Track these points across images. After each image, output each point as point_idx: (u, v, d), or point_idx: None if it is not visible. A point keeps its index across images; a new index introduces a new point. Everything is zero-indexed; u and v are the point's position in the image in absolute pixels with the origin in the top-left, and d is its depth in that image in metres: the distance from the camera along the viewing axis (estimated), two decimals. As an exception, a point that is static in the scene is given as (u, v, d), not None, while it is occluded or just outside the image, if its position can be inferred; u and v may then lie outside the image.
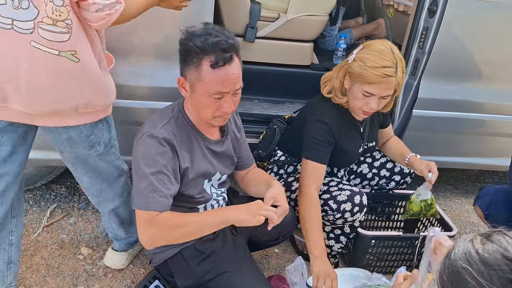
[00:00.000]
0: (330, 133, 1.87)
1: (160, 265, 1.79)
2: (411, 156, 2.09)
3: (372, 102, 1.78)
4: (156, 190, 1.49)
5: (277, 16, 2.46)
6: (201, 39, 1.40)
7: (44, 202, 2.37)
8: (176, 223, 1.50)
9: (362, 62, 1.73)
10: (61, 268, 1.98)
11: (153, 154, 1.49)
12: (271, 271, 2.13)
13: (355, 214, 1.87)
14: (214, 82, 1.41)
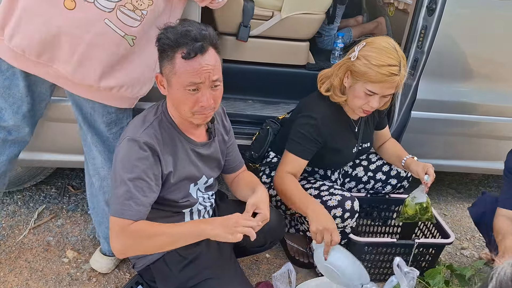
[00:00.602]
0: (317, 131, 1.81)
1: (143, 270, 1.74)
2: (408, 158, 2.02)
3: (373, 101, 1.74)
4: (132, 198, 1.44)
5: (271, 15, 2.39)
6: (173, 31, 1.38)
7: (33, 203, 2.34)
8: (149, 234, 1.45)
9: (366, 60, 1.68)
10: (44, 271, 1.94)
11: (133, 159, 1.44)
12: (260, 277, 2.07)
13: (346, 220, 1.80)
14: (187, 74, 1.38)
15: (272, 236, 1.83)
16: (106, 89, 1.56)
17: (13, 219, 2.21)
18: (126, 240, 1.45)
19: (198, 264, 1.66)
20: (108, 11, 1.45)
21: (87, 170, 1.84)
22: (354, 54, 1.74)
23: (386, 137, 2.19)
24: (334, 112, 1.88)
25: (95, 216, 1.91)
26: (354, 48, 1.77)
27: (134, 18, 1.49)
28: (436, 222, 2.09)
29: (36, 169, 2.28)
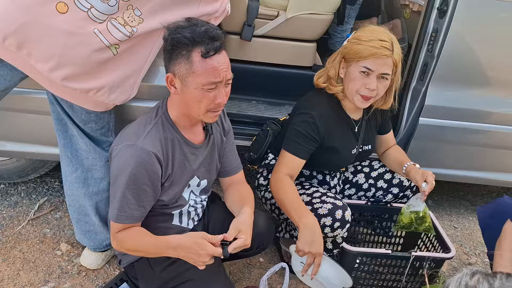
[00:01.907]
0: (314, 128, 1.76)
1: (127, 267, 1.74)
2: (409, 165, 1.94)
3: (370, 81, 1.69)
4: (128, 204, 1.47)
5: (277, 14, 2.35)
6: (189, 30, 1.38)
7: (35, 195, 2.38)
8: (132, 246, 1.54)
9: (356, 39, 1.70)
10: (36, 263, 1.97)
11: (135, 165, 1.44)
12: (251, 281, 2.03)
13: (336, 230, 1.74)
14: (207, 73, 1.38)
15: (259, 241, 1.78)
16: (82, 92, 1.55)
17: (15, 209, 2.26)
18: (115, 242, 1.55)
19: (180, 265, 1.63)
20: (99, 22, 1.46)
21: (66, 164, 1.82)
22: (345, 41, 1.77)
23: (390, 143, 2.10)
24: (332, 109, 1.83)
25: (72, 213, 1.90)
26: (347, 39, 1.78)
27: (124, 33, 1.49)
28: (437, 235, 1.99)
29: (39, 162, 2.32)
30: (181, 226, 1.69)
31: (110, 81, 1.56)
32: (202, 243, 1.40)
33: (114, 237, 1.54)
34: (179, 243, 1.45)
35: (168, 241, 1.48)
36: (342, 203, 1.77)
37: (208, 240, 1.41)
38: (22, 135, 2.04)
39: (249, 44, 2.39)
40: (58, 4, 1.41)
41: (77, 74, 1.49)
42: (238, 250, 1.46)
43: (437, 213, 2.71)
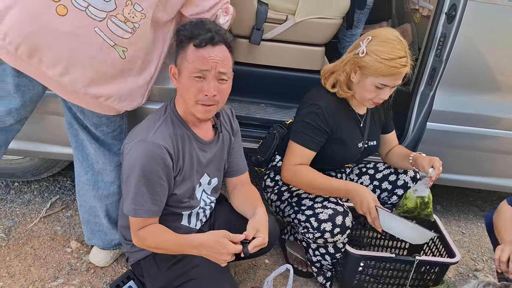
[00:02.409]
0: (323, 119, 1.78)
1: (134, 264, 1.78)
2: (416, 154, 1.94)
3: (384, 93, 1.75)
4: (144, 197, 1.51)
5: (285, 18, 2.37)
6: (190, 25, 1.49)
7: (48, 194, 2.44)
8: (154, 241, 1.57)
9: (376, 56, 1.67)
10: (47, 259, 2.02)
11: (147, 160, 1.48)
12: (256, 282, 2.05)
13: (336, 235, 1.75)
14: (195, 61, 1.45)
15: (263, 243, 1.81)
16: (92, 97, 1.57)
17: (27, 207, 2.32)
18: (137, 240, 1.58)
19: (186, 264, 1.67)
20: (99, 20, 1.47)
21: (78, 166, 1.87)
22: (361, 49, 1.71)
23: (393, 143, 2.11)
24: (338, 102, 1.84)
25: (83, 213, 1.95)
26: (359, 43, 1.74)
27: (125, 30, 1.50)
28: (442, 240, 1.99)
29: (52, 161, 2.38)
30: (189, 226, 1.73)
31: (121, 89, 1.59)
32: (223, 242, 1.46)
33: (135, 235, 1.57)
34: (201, 242, 1.50)
35: (190, 240, 1.54)
36: (344, 209, 1.78)
37: (229, 239, 1.47)
38: (36, 135, 2.10)
39: (258, 48, 2.42)
40: (58, 7, 1.44)
41: (87, 78, 1.52)
42: (257, 249, 1.51)
43: (445, 218, 2.70)
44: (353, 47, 1.79)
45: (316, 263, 1.94)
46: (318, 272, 2.00)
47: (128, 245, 1.75)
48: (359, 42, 1.75)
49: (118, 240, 1.99)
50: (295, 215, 1.87)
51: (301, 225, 1.83)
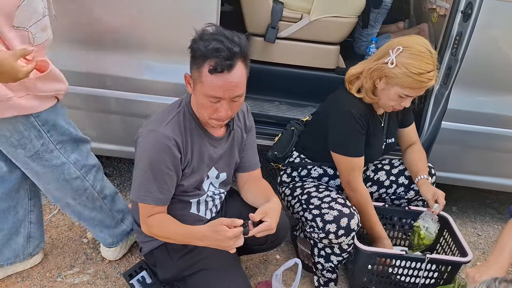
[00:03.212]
0: (361, 123, 1.81)
1: (147, 254, 1.83)
2: (421, 179, 1.98)
3: (407, 102, 1.78)
4: (152, 186, 1.55)
5: (300, 17, 2.39)
6: (205, 43, 1.39)
7: (67, 186, 2.51)
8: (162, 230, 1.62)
9: (405, 69, 1.67)
10: (64, 248, 2.08)
11: (154, 150, 1.52)
12: (266, 276, 2.07)
13: (340, 237, 1.75)
14: (211, 87, 1.42)
15: (273, 235, 1.81)
16: None
17: (47, 198, 2.39)
18: (145, 227, 1.63)
19: (197, 254, 1.71)
20: None
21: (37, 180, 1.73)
22: (390, 59, 1.70)
23: (412, 138, 2.10)
24: (365, 105, 1.86)
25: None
26: (389, 51, 1.73)
27: None
28: (455, 239, 1.97)
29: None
30: (198, 215, 1.76)
31: None
32: (219, 230, 1.46)
33: (145, 222, 1.62)
34: (203, 234, 1.52)
35: (193, 233, 1.57)
36: (350, 211, 1.77)
37: (225, 224, 1.47)
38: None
39: (273, 46, 2.44)
40: None
41: None
42: (262, 234, 1.51)
43: (460, 219, 2.67)
44: (381, 54, 1.76)
45: (317, 263, 1.94)
46: (315, 273, 2.01)
47: (141, 235, 1.79)
48: (388, 51, 1.73)
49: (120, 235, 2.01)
50: (303, 212, 1.88)
51: (308, 223, 1.85)
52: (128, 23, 1.94)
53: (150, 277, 1.85)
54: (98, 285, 1.91)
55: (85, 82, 2.05)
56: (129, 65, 2.04)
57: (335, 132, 1.87)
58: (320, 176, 2.03)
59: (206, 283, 1.68)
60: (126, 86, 2.07)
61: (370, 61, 1.81)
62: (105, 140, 2.24)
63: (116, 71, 2.04)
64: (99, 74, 2.04)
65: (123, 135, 2.21)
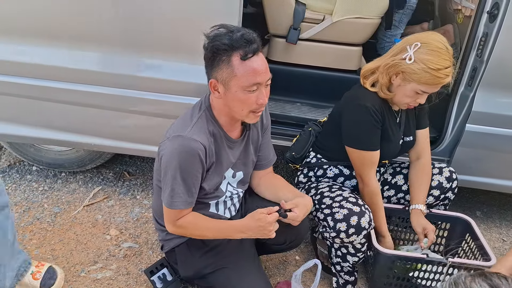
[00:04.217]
0: (376, 117, 1.79)
1: (168, 252, 1.86)
2: (415, 208, 1.99)
3: (422, 98, 1.77)
4: (181, 189, 1.57)
5: (323, 18, 2.39)
6: (226, 36, 1.45)
7: (91, 184, 2.57)
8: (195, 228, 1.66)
9: (424, 64, 1.66)
10: (88, 245, 2.13)
11: (183, 154, 1.53)
12: (285, 277, 2.07)
13: (351, 236, 1.74)
14: (248, 75, 1.46)
15: (292, 236, 1.84)
16: None
17: (72, 196, 2.46)
18: (176, 229, 1.66)
19: (218, 252, 1.74)
20: None
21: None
22: (408, 55, 1.69)
23: (422, 146, 2.03)
24: (379, 99, 1.84)
25: None
26: (406, 47, 1.72)
27: None
28: (478, 243, 1.93)
29: (96, 153, 2.51)
30: (218, 214, 1.78)
31: None
32: (260, 218, 1.58)
33: (173, 224, 1.64)
34: (245, 225, 1.62)
35: (234, 225, 1.67)
36: (360, 209, 1.76)
37: (264, 212, 1.58)
38: (81, 127, 2.23)
39: (295, 47, 2.44)
40: None
41: None
42: (288, 222, 1.64)
43: (485, 224, 2.62)
44: (398, 50, 1.75)
45: (336, 264, 1.94)
46: (334, 274, 2.00)
47: (163, 233, 1.82)
48: (405, 47, 1.72)
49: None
50: (315, 212, 1.88)
51: (320, 223, 1.85)
52: (150, 24, 1.97)
53: (171, 274, 1.88)
54: (120, 281, 1.95)
55: (112, 83, 2.10)
56: (149, 66, 2.06)
57: (349, 126, 1.86)
58: (336, 176, 2.02)
59: (227, 281, 1.70)
60: (149, 86, 2.11)
61: (387, 56, 1.80)
62: (129, 139, 2.28)
63: (137, 71, 2.07)
64: (124, 75, 2.07)
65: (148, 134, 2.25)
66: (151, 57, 2.04)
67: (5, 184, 2.49)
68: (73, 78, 2.07)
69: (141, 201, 2.48)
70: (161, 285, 1.85)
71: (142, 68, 2.06)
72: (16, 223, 2.21)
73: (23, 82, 2.10)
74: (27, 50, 2.05)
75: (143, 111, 2.14)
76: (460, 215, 2.08)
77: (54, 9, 1.96)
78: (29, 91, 2.13)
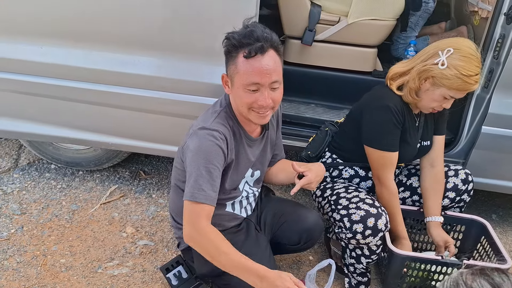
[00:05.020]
0: (397, 117, 1.79)
1: (185, 250, 1.88)
2: (433, 221, 1.98)
3: (448, 104, 1.78)
4: (205, 183, 1.52)
5: (338, 20, 2.40)
6: (238, 34, 1.48)
7: (108, 182, 2.62)
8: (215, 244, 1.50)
9: (456, 70, 1.67)
10: (105, 242, 2.17)
11: (205, 146, 1.53)
12: (299, 277, 2.09)
13: (367, 237, 1.75)
14: (248, 73, 1.46)
15: (307, 236, 1.85)
16: None
17: (89, 194, 2.51)
18: (194, 232, 1.53)
19: None
20: None
21: None
22: (441, 60, 1.69)
23: (436, 154, 2.01)
24: (401, 102, 1.84)
25: None
26: (438, 52, 1.71)
27: None
28: (493, 245, 1.92)
29: (113, 152, 2.55)
30: (234, 213, 1.80)
31: None
32: (284, 277, 1.43)
33: (193, 226, 1.52)
34: (266, 275, 1.44)
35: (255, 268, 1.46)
36: (377, 211, 1.76)
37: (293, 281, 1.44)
38: (100, 126, 2.27)
39: (310, 49, 2.46)
40: None
41: None
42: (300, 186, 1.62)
43: (500, 228, 2.60)
44: (428, 55, 1.75)
45: (350, 265, 1.94)
46: (347, 275, 2.01)
47: (180, 231, 1.85)
48: (436, 52, 1.71)
49: None
50: (331, 213, 1.89)
51: (336, 224, 1.85)
52: (166, 25, 2.00)
53: (186, 272, 1.90)
54: (136, 278, 1.99)
55: (132, 83, 2.13)
56: (170, 67, 2.10)
57: (370, 125, 1.86)
58: (351, 177, 2.03)
59: (243, 280, 1.71)
60: (167, 87, 2.14)
61: (416, 61, 1.78)
62: (147, 139, 2.32)
63: (157, 72, 2.10)
64: (143, 75, 2.10)
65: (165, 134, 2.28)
66: (170, 58, 2.07)
67: (24, 182, 2.55)
68: (93, 78, 2.12)
69: (156, 200, 2.51)
70: (177, 282, 1.88)
71: (162, 69, 2.09)
72: (35, 220, 2.27)
73: (45, 82, 2.15)
74: (49, 51, 2.09)
75: (162, 111, 2.18)
76: (475, 217, 2.07)
77: (78, 11, 2.00)
78: (51, 91, 2.18)
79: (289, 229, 1.85)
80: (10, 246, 2.09)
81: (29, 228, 2.22)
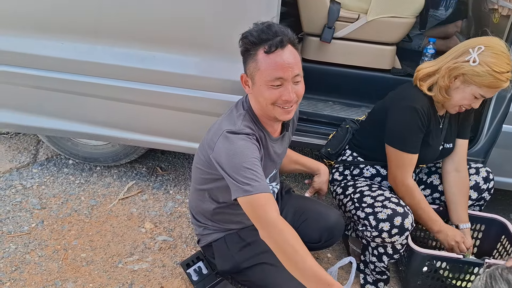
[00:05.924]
0: (423, 119, 1.79)
1: (205, 246, 1.89)
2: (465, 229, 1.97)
3: (478, 103, 1.77)
4: (252, 178, 1.46)
5: (357, 17, 2.39)
6: (255, 31, 1.47)
7: (125, 178, 2.63)
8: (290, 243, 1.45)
9: (488, 67, 1.65)
10: (124, 237, 2.19)
11: (241, 147, 1.49)
12: (318, 274, 2.08)
13: (393, 236, 1.74)
14: (271, 68, 1.45)
15: (328, 235, 1.85)
16: None
17: (107, 189, 2.52)
18: (272, 228, 1.47)
19: (255, 248, 1.76)
20: None
21: None
22: (472, 57, 1.68)
23: (459, 158, 1.99)
24: (429, 103, 1.83)
25: None
26: (468, 50, 1.70)
27: None
28: (515, 246, 1.92)
29: (131, 148, 2.57)
30: None
31: None
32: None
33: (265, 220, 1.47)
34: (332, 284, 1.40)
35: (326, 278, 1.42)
36: (404, 210, 1.75)
37: None
38: (119, 122, 2.28)
39: (329, 46, 2.45)
40: None
41: None
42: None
43: (519, 227, 2.58)
44: (458, 53, 1.73)
45: (370, 263, 1.94)
46: (362, 271, 2.01)
47: (200, 228, 1.86)
48: (467, 49, 1.70)
49: None
50: (355, 211, 1.88)
51: (360, 222, 1.85)
52: (187, 23, 2.00)
53: (206, 268, 1.91)
54: (156, 273, 2.00)
55: (151, 79, 2.14)
56: (190, 63, 2.10)
57: (394, 125, 1.84)
58: (373, 176, 2.03)
59: (264, 276, 1.72)
60: (189, 83, 2.14)
61: (447, 59, 1.77)
62: (165, 135, 2.33)
63: (180, 69, 2.11)
64: (163, 71, 2.11)
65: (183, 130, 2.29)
66: (191, 55, 2.07)
67: (43, 176, 2.57)
68: (114, 74, 2.13)
69: (174, 196, 2.53)
70: (197, 278, 1.89)
71: (183, 66, 2.09)
72: (55, 214, 2.29)
73: (65, 78, 2.17)
74: (70, 46, 2.11)
75: (182, 107, 2.19)
76: (496, 216, 2.06)
77: (100, 7, 2.01)
78: (70, 86, 2.19)
79: (310, 227, 1.85)
80: (32, 240, 2.11)
81: (49, 222, 2.24)
